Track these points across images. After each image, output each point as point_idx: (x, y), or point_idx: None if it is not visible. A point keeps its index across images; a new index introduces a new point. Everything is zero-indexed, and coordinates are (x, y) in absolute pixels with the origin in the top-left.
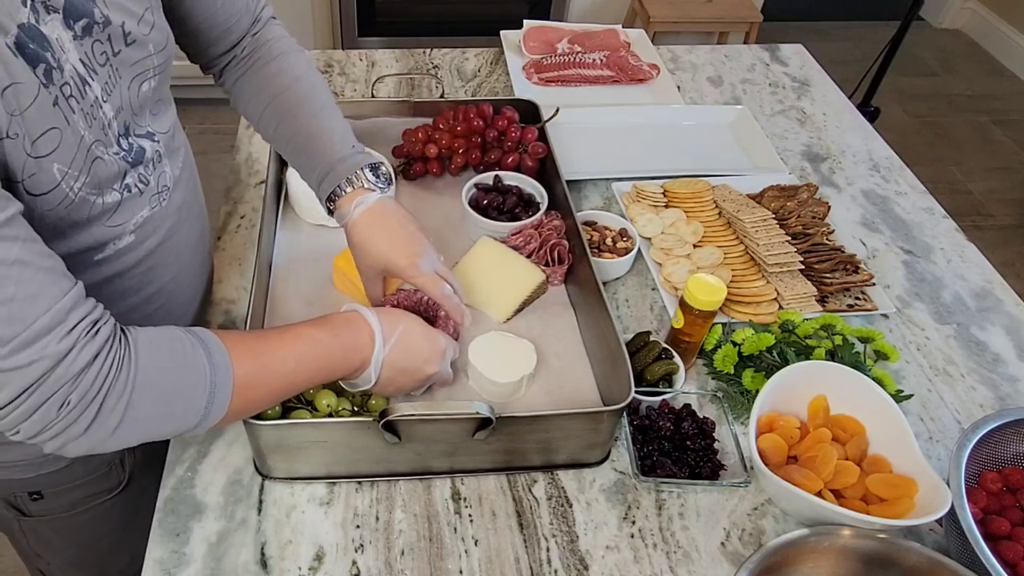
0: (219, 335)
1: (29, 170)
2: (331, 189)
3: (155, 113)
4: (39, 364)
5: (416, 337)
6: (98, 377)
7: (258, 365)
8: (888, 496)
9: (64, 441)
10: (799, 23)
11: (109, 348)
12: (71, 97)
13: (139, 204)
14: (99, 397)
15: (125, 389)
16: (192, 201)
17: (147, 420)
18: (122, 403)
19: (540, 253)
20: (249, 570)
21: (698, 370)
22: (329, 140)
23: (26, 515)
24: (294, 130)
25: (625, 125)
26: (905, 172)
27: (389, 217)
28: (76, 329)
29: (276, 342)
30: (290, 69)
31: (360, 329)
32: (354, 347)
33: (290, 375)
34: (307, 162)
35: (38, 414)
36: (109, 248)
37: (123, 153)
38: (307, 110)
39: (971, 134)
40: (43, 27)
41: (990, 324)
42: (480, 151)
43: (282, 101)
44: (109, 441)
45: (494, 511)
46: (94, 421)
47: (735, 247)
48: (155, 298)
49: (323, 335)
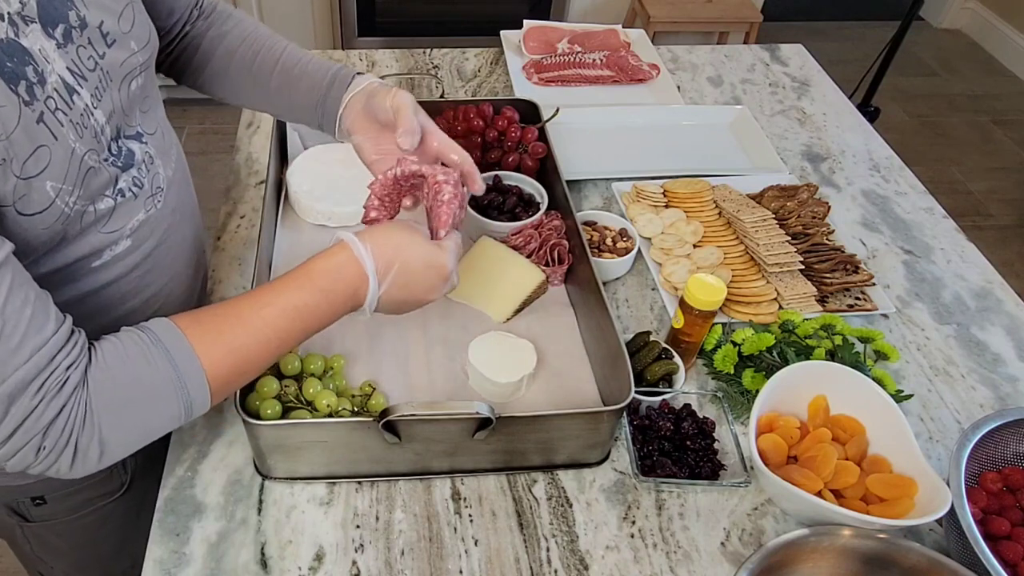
0: (188, 330)
1: (20, 192)
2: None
3: (144, 111)
4: (7, 422)
5: (415, 272)
6: (65, 427)
7: (235, 358)
8: (888, 496)
9: (56, 473)
10: (799, 23)
11: (75, 397)
12: (57, 110)
13: (134, 208)
14: (71, 441)
15: (94, 428)
16: (186, 201)
17: (128, 440)
18: (95, 439)
19: (540, 253)
20: (249, 570)
21: (698, 370)
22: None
23: (29, 520)
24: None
25: (625, 125)
26: (905, 172)
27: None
28: (46, 384)
29: (255, 324)
30: (244, 21)
31: (352, 273)
32: (346, 296)
33: (274, 353)
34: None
35: (18, 457)
36: (106, 254)
37: (112, 158)
38: (275, 46)
39: (971, 134)
40: (23, 40)
41: (990, 324)
42: (480, 151)
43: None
44: (100, 465)
45: (494, 511)
46: (75, 458)
47: (735, 247)
48: (153, 300)
49: (311, 298)
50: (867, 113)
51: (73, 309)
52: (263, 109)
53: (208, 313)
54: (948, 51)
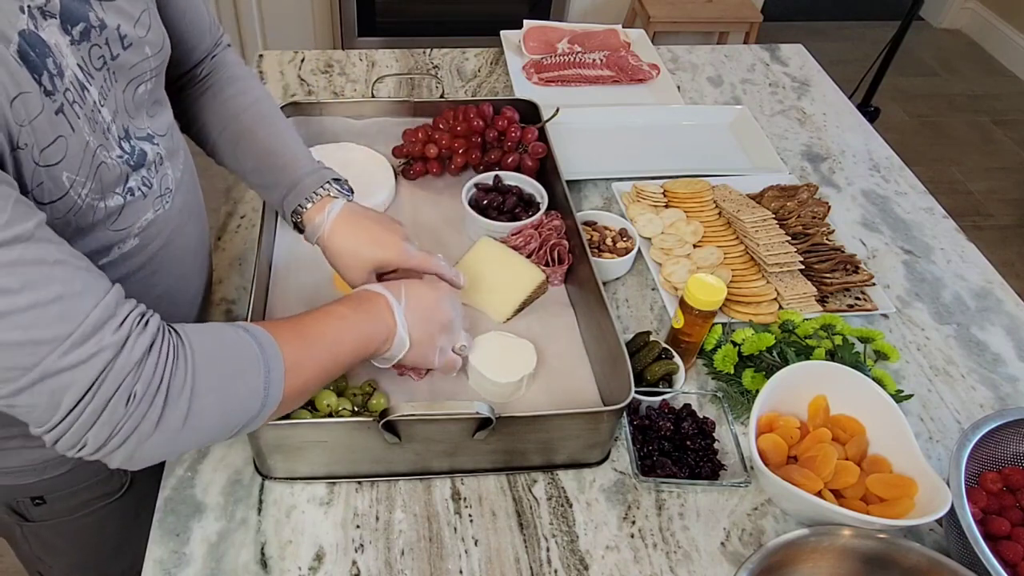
0: (256, 323)
1: (38, 179)
2: (296, 203)
3: (152, 115)
4: (100, 356)
5: (419, 287)
6: (159, 364)
7: (303, 345)
8: (888, 496)
9: (136, 443)
10: (799, 23)
11: (162, 338)
12: (74, 103)
13: (143, 207)
14: (163, 384)
15: (187, 373)
16: (193, 202)
17: (212, 407)
18: (187, 389)
19: (540, 253)
20: (249, 570)
21: (698, 370)
22: (293, 157)
23: (28, 520)
24: (255, 149)
25: (625, 125)
26: (905, 172)
27: (361, 216)
28: (127, 320)
29: (311, 323)
30: (249, 92)
31: (374, 299)
32: (379, 316)
33: (333, 352)
34: (269, 179)
35: (106, 413)
36: (114, 252)
37: (125, 156)
38: (267, 130)
39: (971, 134)
40: (42, 33)
41: (990, 324)
42: (480, 151)
43: (242, 121)
44: (179, 438)
45: (494, 511)
46: (164, 411)
47: (735, 247)
48: (159, 301)
49: (348, 311)
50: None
51: None
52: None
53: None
54: (948, 51)
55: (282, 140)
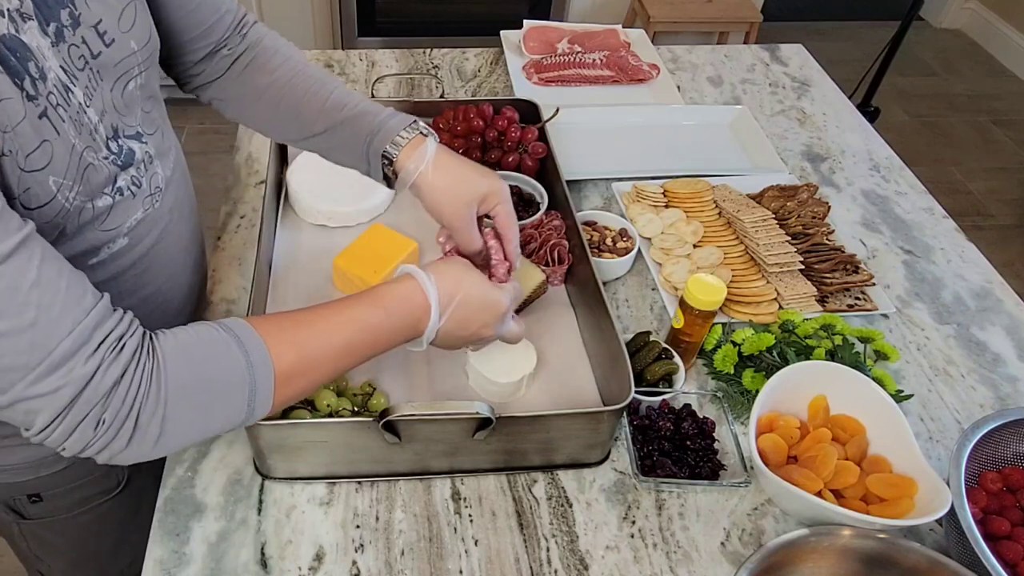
0: (257, 324)
1: (24, 185)
2: (384, 147)
3: (147, 111)
4: (66, 389)
5: (474, 306)
6: (128, 395)
7: (302, 356)
8: (888, 496)
9: (110, 455)
10: (799, 23)
11: (136, 363)
12: (58, 106)
13: (132, 207)
14: (132, 413)
15: (158, 402)
16: (184, 201)
17: (188, 427)
18: (157, 416)
19: (540, 253)
20: (249, 570)
21: (698, 370)
22: (364, 106)
23: (25, 518)
24: (322, 108)
25: (625, 125)
26: (905, 172)
27: (455, 155)
28: (100, 348)
29: (323, 328)
30: (294, 58)
31: (416, 303)
32: (408, 323)
33: (337, 360)
34: (346, 133)
35: (76, 434)
36: (103, 252)
37: (112, 156)
38: (327, 89)
39: (971, 134)
40: (23, 36)
41: (990, 324)
42: (480, 151)
43: (297, 87)
44: (155, 451)
45: (494, 511)
46: (133, 436)
47: (735, 247)
48: (151, 300)
49: (376, 316)
50: (867, 113)
51: None
52: (306, 148)
53: (277, 315)
54: (948, 51)
55: (347, 94)
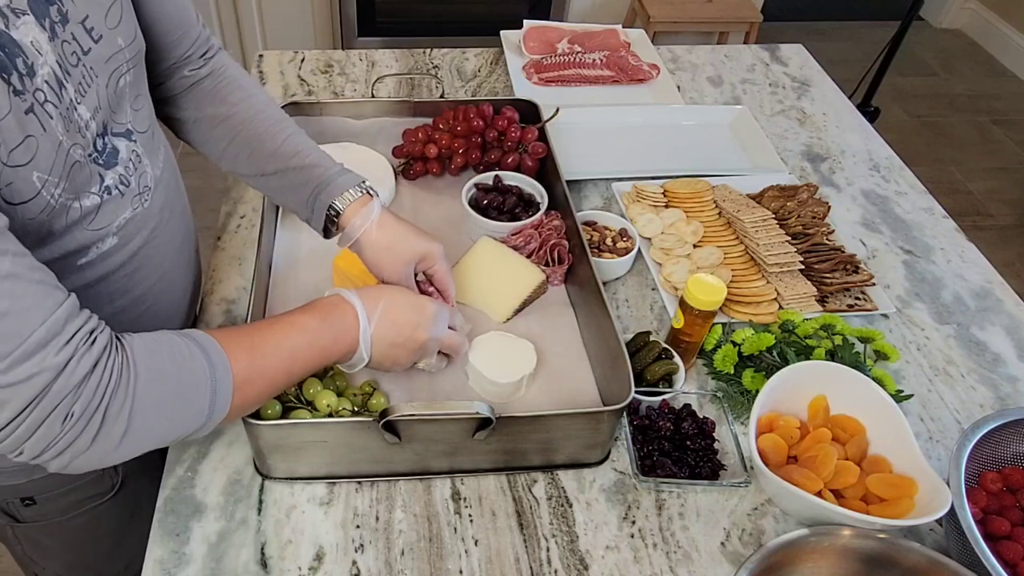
0: (213, 334)
1: (6, 179)
2: (331, 200)
3: (137, 109)
4: (39, 377)
5: (400, 308)
6: (99, 386)
7: (255, 360)
8: (888, 496)
9: (71, 456)
10: (799, 23)
11: (107, 356)
12: (47, 102)
13: (121, 206)
14: (102, 406)
15: (127, 395)
16: (175, 201)
17: (152, 426)
18: (125, 410)
19: (540, 253)
20: (249, 570)
21: (698, 370)
22: (319, 157)
23: (19, 521)
24: (276, 151)
25: (625, 125)
26: (905, 172)
27: (398, 218)
28: (73, 340)
29: (270, 335)
30: (256, 96)
31: (345, 311)
32: (342, 329)
33: (287, 366)
34: (295, 180)
35: (42, 429)
36: (92, 252)
37: (95, 154)
38: (284, 134)
39: (971, 134)
40: (13, 32)
41: (990, 324)
42: (480, 151)
43: (255, 125)
44: (115, 453)
45: (494, 511)
46: (99, 431)
47: (735, 247)
48: (143, 300)
49: (313, 322)
50: (867, 113)
51: None
52: (252, 185)
53: (231, 328)
54: (948, 51)
55: (302, 140)
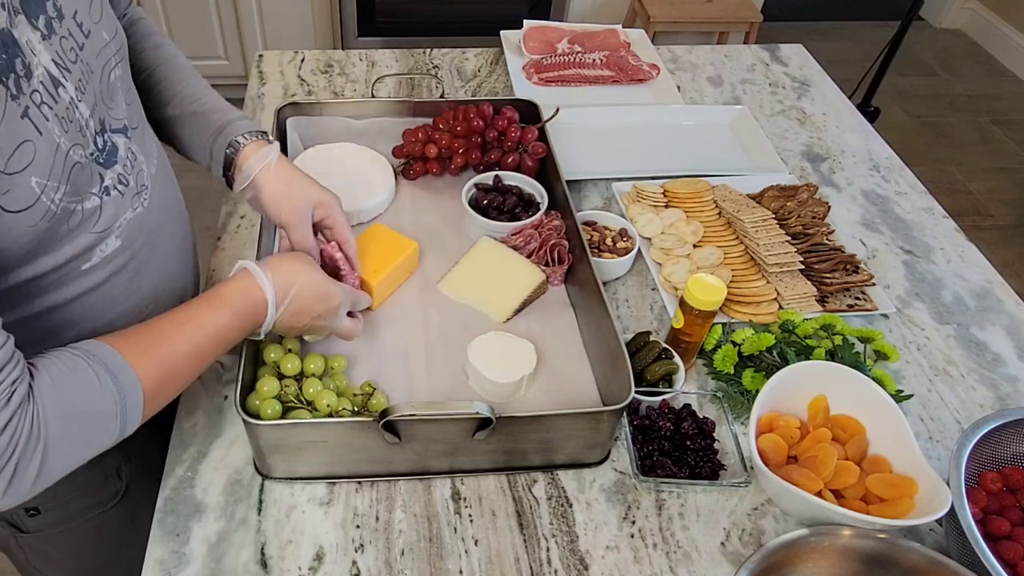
0: (118, 346)
1: (3, 187)
2: (229, 141)
3: (129, 103)
4: None
5: (309, 298)
6: (11, 440)
7: (163, 371)
8: (888, 496)
9: None
10: (799, 23)
11: (22, 411)
12: (43, 104)
13: (121, 206)
14: (12, 459)
15: (38, 444)
16: (171, 200)
17: (62, 461)
18: (36, 457)
19: (540, 253)
20: (249, 570)
21: (698, 370)
22: (219, 104)
23: (23, 531)
24: (178, 96)
25: (625, 125)
26: (905, 172)
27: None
28: None
29: (180, 340)
30: (165, 47)
31: (256, 302)
32: (252, 322)
33: (195, 366)
34: (194, 125)
35: None
36: (95, 255)
37: (96, 153)
38: (188, 81)
39: (971, 134)
40: (14, 31)
41: (990, 324)
42: (480, 151)
43: (161, 72)
44: (29, 493)
45: (494, 511)
46: (13, 479)
47: (735, 247)
48: (145, 303)
49: (222, 318)
50: (867, 113)
51: (66, 313)
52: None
53: (133, 331)
54: (948, 51)
55: (206, 90)
